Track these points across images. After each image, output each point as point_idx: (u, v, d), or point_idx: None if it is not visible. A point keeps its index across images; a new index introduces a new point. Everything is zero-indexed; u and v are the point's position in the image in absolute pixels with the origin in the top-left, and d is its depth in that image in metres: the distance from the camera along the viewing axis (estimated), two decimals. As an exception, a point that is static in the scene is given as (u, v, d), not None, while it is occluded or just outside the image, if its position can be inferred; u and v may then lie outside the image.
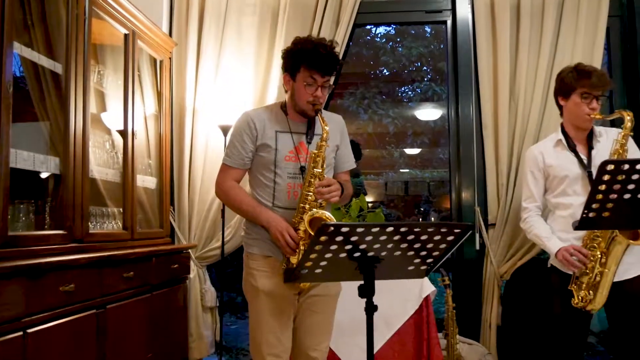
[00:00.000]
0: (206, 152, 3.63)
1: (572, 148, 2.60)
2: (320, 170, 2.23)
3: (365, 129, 6.55)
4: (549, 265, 2.69)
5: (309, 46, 2.23)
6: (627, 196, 1.85)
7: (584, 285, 2.45)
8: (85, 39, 2.57)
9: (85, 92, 2.56)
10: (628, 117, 2.46)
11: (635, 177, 1.80)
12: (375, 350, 3.01)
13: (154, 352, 2.93)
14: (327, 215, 2.21)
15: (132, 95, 3.05)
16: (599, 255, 2.41)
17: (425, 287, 3.08)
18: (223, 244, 3.48)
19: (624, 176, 1.80)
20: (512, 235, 3.38)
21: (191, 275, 3.56)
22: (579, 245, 2.47)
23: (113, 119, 3.00)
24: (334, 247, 1.72)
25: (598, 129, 2.66)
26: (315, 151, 2.25)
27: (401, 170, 7.86)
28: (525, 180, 2.74)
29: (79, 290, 2.24)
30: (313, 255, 1.76)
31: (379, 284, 2.09)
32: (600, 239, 2.42)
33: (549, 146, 2.69)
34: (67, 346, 2.18)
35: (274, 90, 3.55)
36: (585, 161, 2.57)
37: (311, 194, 2.22)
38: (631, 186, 1.82)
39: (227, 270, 5.02)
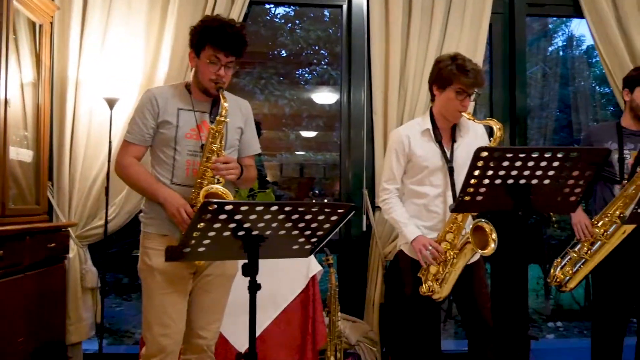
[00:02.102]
0: (90, 125, 3.44)
1: (438, 140, 2.67)
2: (219, 146, 2.24)
3: (261, 110, 6.50)
4: (397, 249, 2.81)
5: (215, 24, 2.23)
6: (498, 181, 1.99)
7: (431, 276, 2.59)
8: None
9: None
10: (497, 127, 2.50)
11: (505, 163, 1.93)
12: (261, 330, 3.08)
13: (26, 336, 2.76)
14: (222, 190, 2.20)
15: (6, 60, 2.80)
16: (451, 257, 2.55)
17: (312, 266, 3.15)
18: (106, 222, 3.34)
19: (496, 163, 1.93)
20: (396, 217, 3.52)
21: (71, 255, 3.38)
22: (434, 241, 2.59)
23: (-17, 84, 2.76)
24: (217, 225, 1.71)
25: (464, 122, 2.70)
26: (214, 127, 2.24)
27: (297, 153, 7.91)
28: (387, 161, 2.78)
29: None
30: (196, 234, 1.74)
31: (266, 264, 2.11)
32: (452, 236, 2.55)
33: (416, 132, 2.71)
34: None
35: (165, 64, 3.43)
36: (447, 154, 2.65)
37: (209, 169, 2.22)
38: (502, 172, 1.95)
39: (112, 250, 4.83)
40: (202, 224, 1.68)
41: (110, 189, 3.30)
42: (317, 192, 7.84)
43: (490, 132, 2.67)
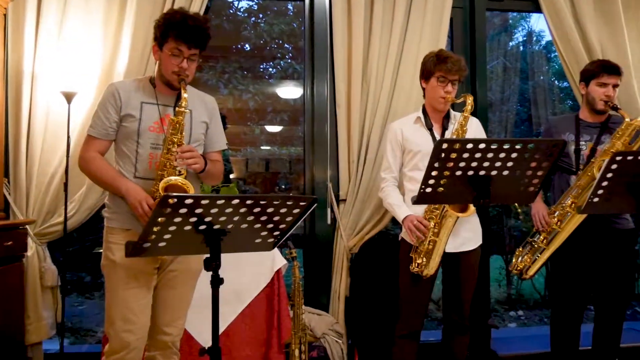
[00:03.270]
0: (47, 120, 3.35)
1: (429, 127, 2.83)
2: (179, 137, 2.23)
3: (225, 104, 6.45)
4: (399, 239, 2.89)
5: (177, 17, 2.24)
6: (458, 173, 2.02)
7: (422, 253, 2.68)
8: None
9: None
10: (468, 100, 2.69)
11: (465, 155, 1.96)
12: (226, 325, 3.07)
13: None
14: (182, 181, 2.19)
15: (-44, 52, 2.72)
16: (433, 226, 2.64)
17: (277, 260, 3.15)
18: (66, 219, 3.26)
19: (456, 154, 1.95)
20: (361, 210, 3.54)
21: (29, 253, 3.29)
22: (421, 217, 2.68)
23: None
24: (178, 219, 1.69)
25: (454, 113, 2.90)
26: (173, 117, 2.24)
27: (262, 147, 7.88)
28: (385, 153, 2.94)
29: None
30: (156, 228, 1.71)
31: (231, 258, 2.10)
32: (438, 211, 2.65)
33: (409, 122, 2.90)
34: None
35: (125, 57, 3.36)
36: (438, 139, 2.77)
37: (170, 161, 2.21)
38: (462, 164, 1.98)
39: (73, 248, 4.72)
40: (162, 218, 1.66)
41: (69, 184, 3.22)
42: (282, 186, 7.84)
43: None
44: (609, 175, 2.16)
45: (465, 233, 2.76)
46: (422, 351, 3.68)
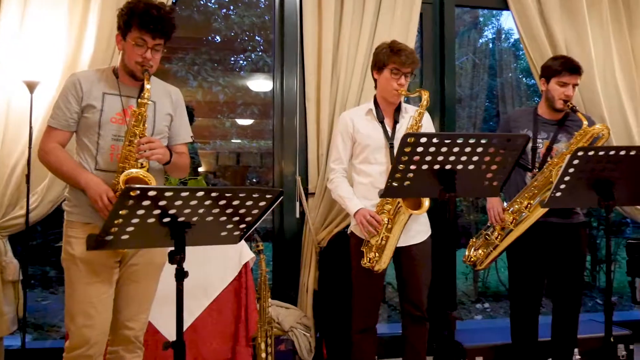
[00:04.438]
0: (8, 110, 3.25)
1: (380, 119, 2.81)
2: (142, 129, 2.20)
3: (194, 96, 6.37)
4: (348, 232, 2.90)
5: (141, 6, 2.20)
6: (425, 167, 2.04)
7: (373, 247, 2.70)
8: None
9: None
10: (424, 96, 2.70)
11: (431, 149, 1.98)
12: (193, 319, 3.04)
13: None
14: (144, 174, 2.16)
15: None
16: (386, 222, 2.66)
17: (244, 254, 3.13)
18: (28, 212, 3.18)
19: (422, 149, 1.97)
20: (330, 203, 3.54)
21: (-11, 247, 3.21)
22: (374, 212, 2.69)
23: None
24: (140, 211, 1.66)
25: (405, 105, 2.89)
26: (136, 109, 2.21)
27: (233, 141, 7.83)
28: (334, 143, 2.92)
29: None
30: (118, 221, 1.68)
31: (198, 252, 2.08)
32: (390, 207, 2.67)
33: (360, 114, 2.88)
34: None
35: (90, 46, 3.28)
36: (389, 133, 2.79)
37: (132, 153, 2.18)
38: (428, 158, 2.00)
39: (36, 242, 4.62)
40: (124, 210, 1.63)
41: (31, 176, 3.14)
42: (254, 180, 7.81)
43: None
44: (571, 170, 2.21)
45: (414, 226, 2.79)
46: (387, 344, 3.73)
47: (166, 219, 1.73)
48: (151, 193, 1.60)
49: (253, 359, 3.12)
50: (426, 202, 2.61)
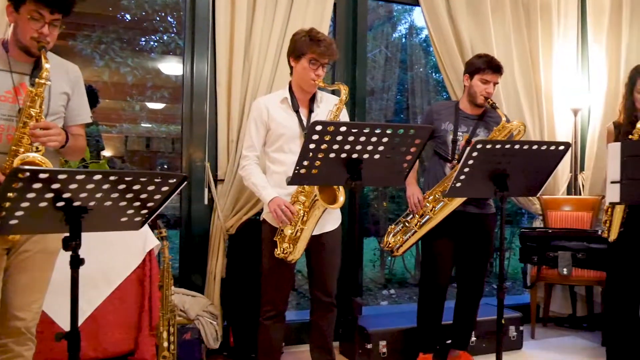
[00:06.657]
0: None
1: (295, 108, 2.79)
2: (38, 111, 2.05)
3: (101, 77, 6.08)
4: (261, 219, 2.89)
5: None
6: (332, 155, 2.07)
7: (286, 238, 2.70)
8: None
9: None
10: (344, 91, 2.71)
11: (339, 138, 2.01)
12: (93, 308, 2.91)
13: None
14: (41, 159, 2.03)
15: None
16: (302, 214, 2.67)
17: (149, 241, 3.02)
18: None
19: (330, 137, 2.00)
20: (239, 190, 3.50)
21: None
22: (289, 202, 2.69)
23: None
24: (31, 195, 1.56)
25: (320, 94, 2.89)
26: (32, 89, 2.05)
27: (142, 125, 7.57)
28: (248, 130, 2.85)
29: None
30: (6, 204, 1.57)
31: (98, 238, 1.98)
32: (305, 199, 2.67)
33: (275, 101, 2.82)
34: None
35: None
36: (305, 122, 2.78)
37: (26, 136, 2.03)
38: (336, 146, 2.04)
39: None
40: (12, 193, 1.52)
41: None
42: (165, 166, 7.60)
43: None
44: (470, 162, 2.32)
45: (326, 215, 2.79)
46: (295, 331, 3.77)
47: (60, 203, 1.64)
48: (42, 175, 1.51)
49: (156, 348, 3.04)
50: (341, 197, 2.62)
